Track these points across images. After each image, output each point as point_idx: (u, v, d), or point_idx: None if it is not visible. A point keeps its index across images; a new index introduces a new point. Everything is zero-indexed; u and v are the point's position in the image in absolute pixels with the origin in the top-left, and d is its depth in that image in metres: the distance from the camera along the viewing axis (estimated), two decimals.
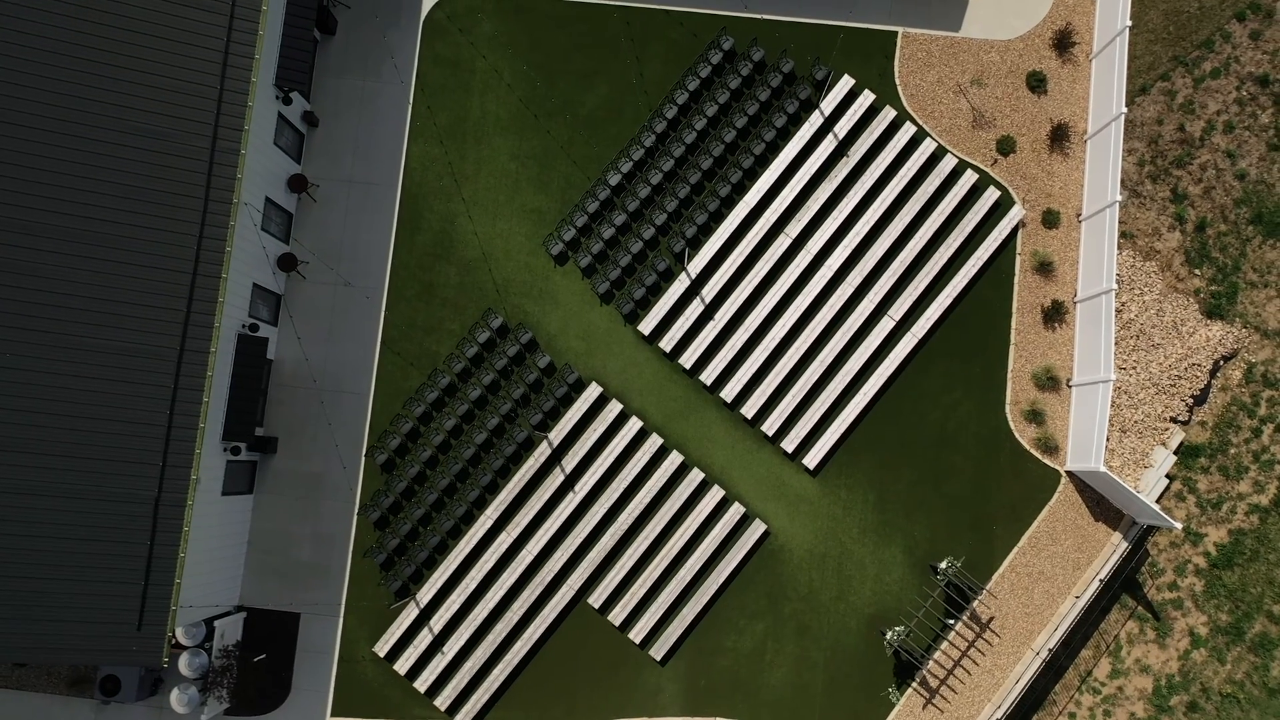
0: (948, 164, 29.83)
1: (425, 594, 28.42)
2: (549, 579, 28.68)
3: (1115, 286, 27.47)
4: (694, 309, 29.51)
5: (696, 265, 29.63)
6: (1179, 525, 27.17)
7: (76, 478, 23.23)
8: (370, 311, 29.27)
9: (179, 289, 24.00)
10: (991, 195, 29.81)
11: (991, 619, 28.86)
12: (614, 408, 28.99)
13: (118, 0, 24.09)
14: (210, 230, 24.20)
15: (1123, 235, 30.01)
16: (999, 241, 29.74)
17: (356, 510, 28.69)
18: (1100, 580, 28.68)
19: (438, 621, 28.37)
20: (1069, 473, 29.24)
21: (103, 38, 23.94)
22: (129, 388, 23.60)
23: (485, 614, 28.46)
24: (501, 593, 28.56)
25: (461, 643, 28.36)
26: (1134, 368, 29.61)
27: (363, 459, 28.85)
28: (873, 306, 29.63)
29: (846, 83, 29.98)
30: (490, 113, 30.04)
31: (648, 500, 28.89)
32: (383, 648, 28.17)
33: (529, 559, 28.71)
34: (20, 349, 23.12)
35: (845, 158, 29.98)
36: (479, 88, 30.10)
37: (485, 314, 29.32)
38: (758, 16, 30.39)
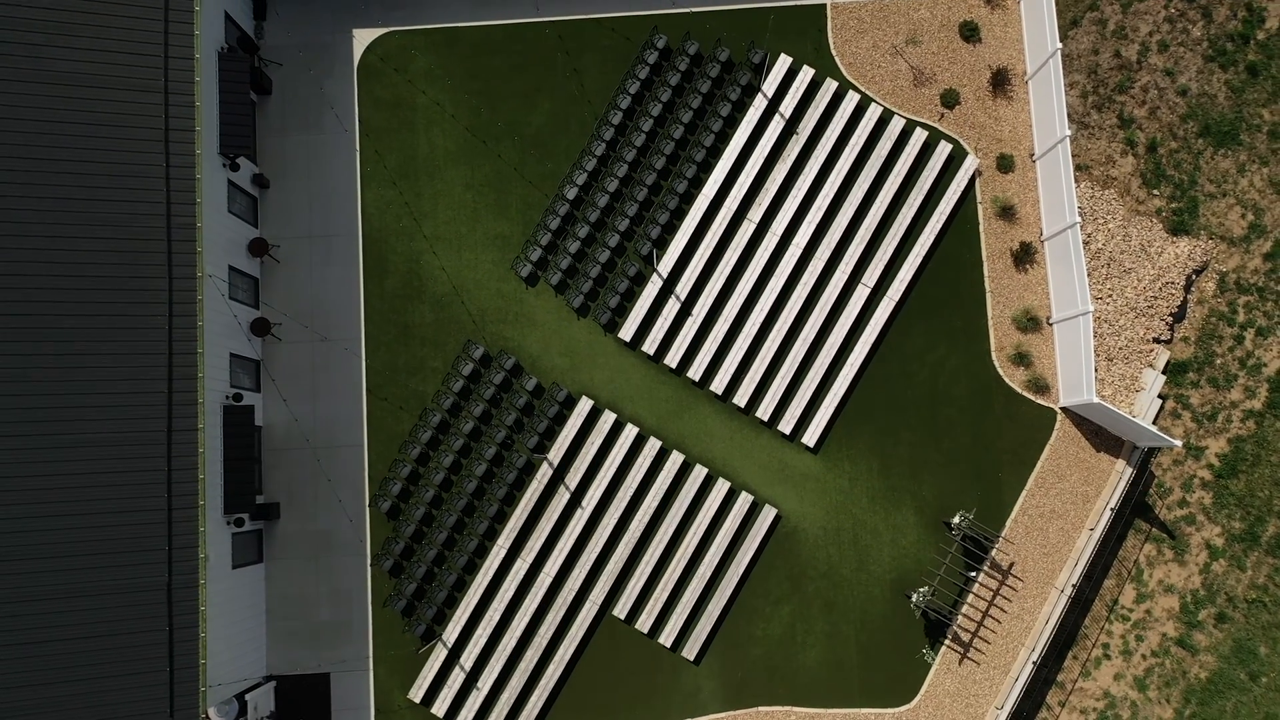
0: (896, 126, 30.05)
1: (451, 633, 28.36)
2: (571, 597, 28.67)
3: (1079, 219, 27.73)
4: (671, 308, 29.60)
5: (666, 264, 29.72)
6: (1179, 443, 27.44)
7: (85, 575, 23.06)
8: (351, 362, 29.19)
9: (157, 371, 23.89)
10: (944, 150, 30.04)
11: (1012, 565, 29.06)
12: (608, 418, 29.02)
13: (51, 95, 23.97)
14: (179, 308, 24.09)
15: (1078, 168, 30.30)
16: (958, 193, 29.98)
17: (369, 561, 28.59)
18: (1111, 509, 28.93)
19: (467, 658, 28.31)
20: (1064, 409, 29.49)
21: (42, 134, 23.83)
22: (122, 477, 23.45)
23: (513, 643, 28.42)
24: (526, 619, 28.53)
25: (495, 675, 28.31)
26: (1110, 295, 29.89)
27: (368, 509, 28.77)
28: (846, 277, 29.79)
29: (784, 62, 30.16)
30: (438, 146, 30.04)
31: (656, 504, 28.93)
32: (417, 693, 28.07)
33: (548, 581, 28.70)
34: (5, 456, 22.94)
35: (795, 136, 30.16)
36: (423, 124, 30.09)
37: (465, 346, 29.30)
38: (686, 11, 30.53)
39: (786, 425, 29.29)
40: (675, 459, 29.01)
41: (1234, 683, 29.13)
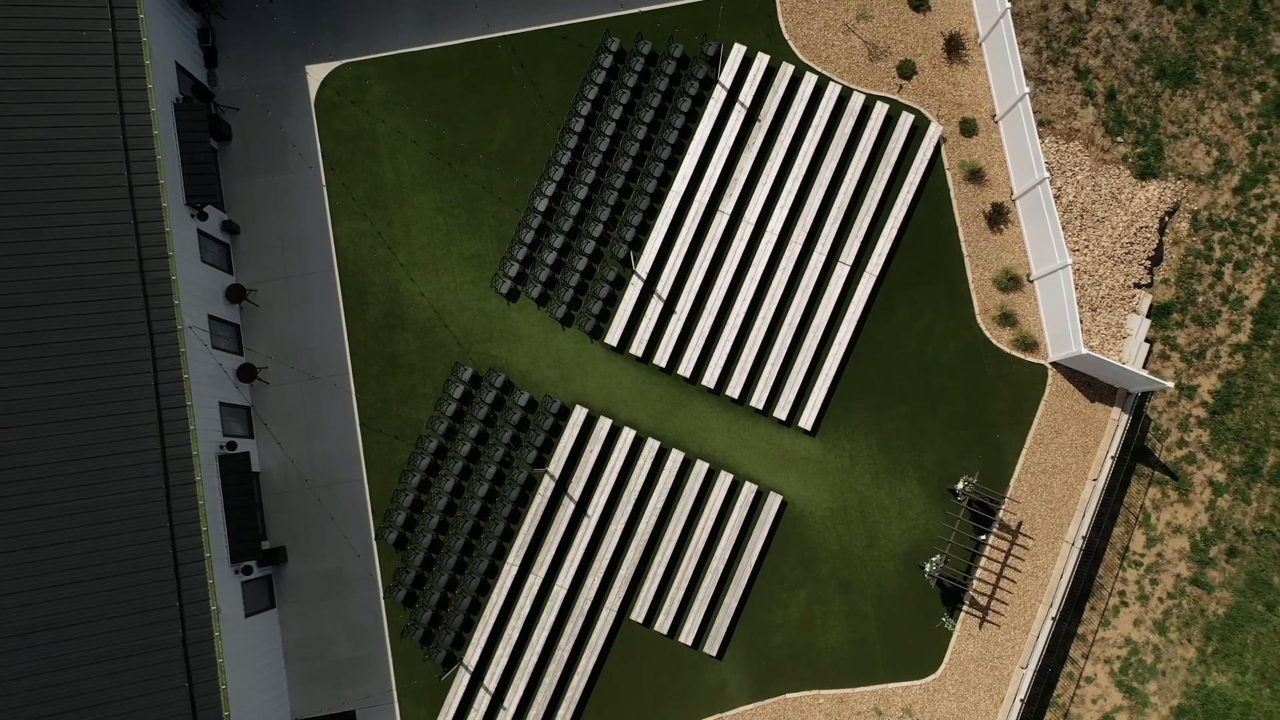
0: (857, 102, 30.15)
1: (471, 656, 28.28)
2: (587, 607, 28.64)
3: (1047, 175, 27.87)
4: (654, 307, 29.61)
5: (644, 265, 29.73)
6: (1170, 384, 27.59)
7: (100, 640, 22.90)
8: (341, 398, 29.09)
9: (148, 429, 23.74)
10: (907, 121, 30.16)
11: (1020, 523, 29.17)
12: (604, 424, 29.01)
13: (9, 164, 23.81)
14: (163, 363, 23.96)
15: (1040, 124, 30.46)
16: (926, 162, 30.09)
17: (382, 594, 28.49)
18: (1112, 458, 29.07)
19: (491, 679, 28.24)
20: (1054, 364, 29.62)
21: (5, 204, 23.66)
22: (125, 539, 23.30)
23: (535, 658, 28.37)
24: (545, 633, 28.48)
25: (520, 693, 28.24)
26: (1086, 246, 30.05)
27: (374, 543, 28.67)
28: (824, 258, 29.87)
29: (739, 51, 30.22)
30: (404, 173, 29.98)
31: (661, 504, 28.93)
32: None
33: (562, 593, 28.66)
34: (8, 532, 22.77)
35: (757, 123, 30.22)
36: (386, 152, 30.04)
37: (454, 369, 29.24)
38: (635, 11, 30.57)
39: (782, 411, 29.33)
40: (676, 457, 29.01)
41: (1252, 615, 29.30)
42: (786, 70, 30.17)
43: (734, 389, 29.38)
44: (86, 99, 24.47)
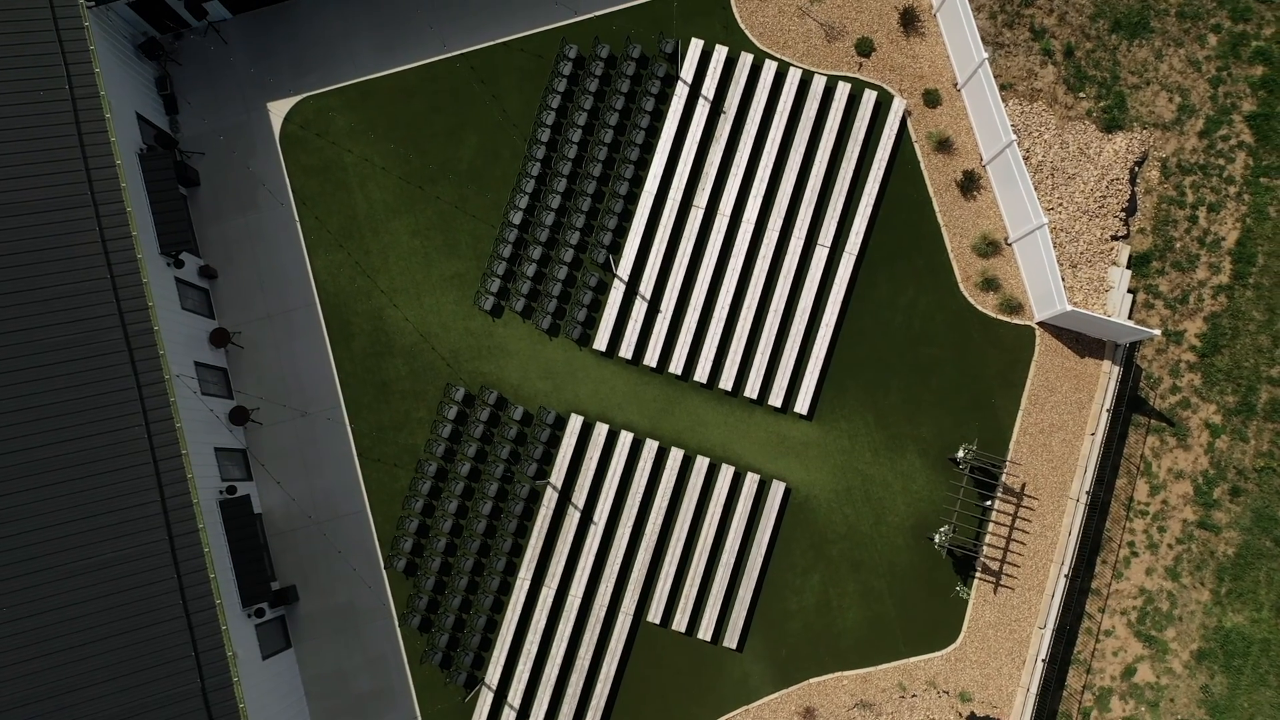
0: (819, 85, 30.25)
1: (492, 675, 28.22)
2: (603, 613, 28.61)
3: (1014, 137, 28.01)
4: (639, 309, 29.63)
5: (625, 268, 29.75)
6: (1157, 332, 27.75)
7: (119, 698, 22.74)
8: (337, 431, 29.01)
9: (145, 482, 23.61)
10: (870, 98, 30.27)
11: (1023, 485, 29.28)
12: (601, 430, 29.00)
13: None
14: (154, 414, 23.82)
15: (1002, 87, 30.61)
16: (893, 137, 30.20)
17: (397, 623, 28.41)
18: (1107, 411, 29.22)
19: (514, 695, 28.19)
20: (1041, 324, 29.76)
21: None
22: (135, 593, 23.16)
23: (556, 670, 28.33)
24: (564, 644, 28.44)
25: (545, 706, 28.19)
26: (1060, 204, 30.21)
27: (384, 572, 28.59)
28: (802, 242, 29.94)
29: (697, 46, 30.28)
30: (376, 200, 29.93)
31: (666, 503, 28.94)
32: None
33: (577, 602, 28.63)
34: (17, 599, 22.62)
35: (723, 115, 30.29)
36: (356, 181, 29.98)
37: (446, 390, 29.19)
38: (590, 16, 30.60)
39: (776, 399, 29.38)
40: (676, 455, 29.03)
41: (1261, 552, 29.48)
42: (746, 60, 30.24)
43: (726, 381, 29.42)
44: (50, 158, 24.33)
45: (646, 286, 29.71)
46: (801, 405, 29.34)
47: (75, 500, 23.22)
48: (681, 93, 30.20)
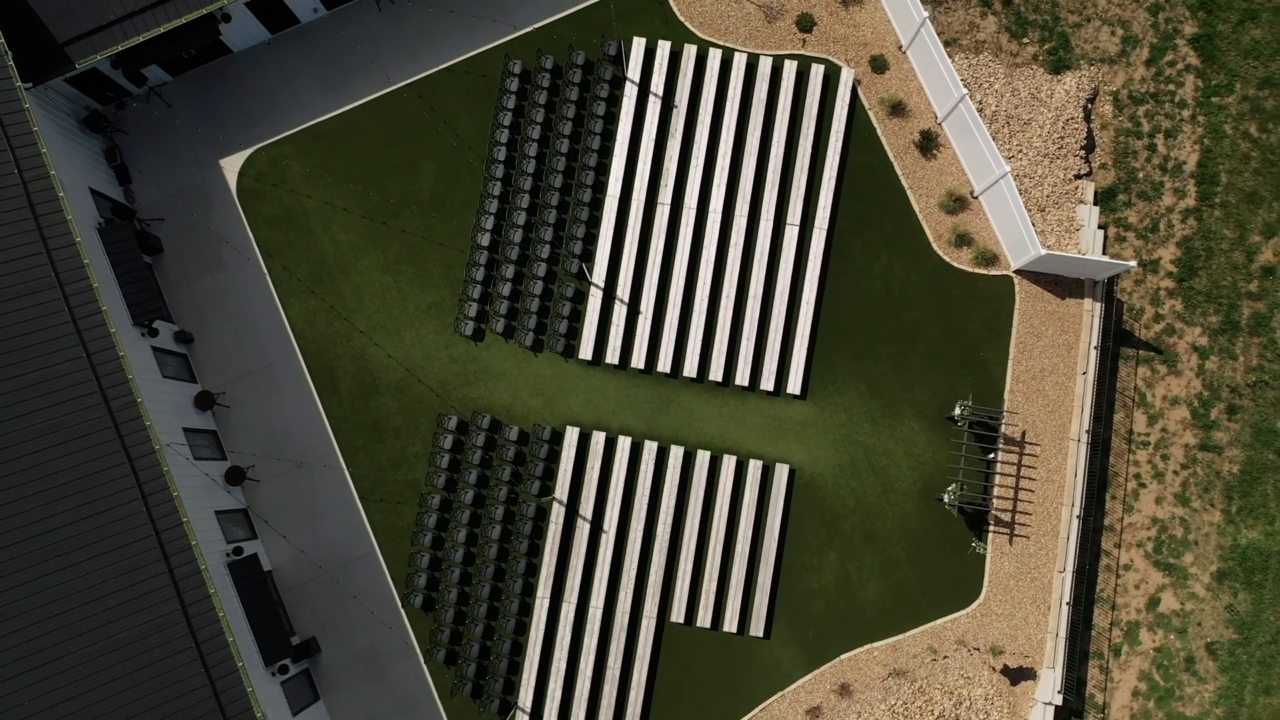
0: (766, 66, 30.29)
1: (525, 698, 28.07)
2: (626, 621, 28.51)
3: (965, 91, 28.11)
4: (619, 313, 29.58)
5: (599, 274, 29.69)
6: (1133, 263, 27.90)
7: None
8: (335, 478, 28.81)
9: (150, 554, 23.34)
10: (818, 72, 30.34)
11: (1024, 433, 29.38)
12: (599, 439, 28.92)
13: None
14: (149, 486, 23.57)
15: (947, 44, 30.73)
16: (846, 108, 30.27)
17: (422, 660, 28.22)
18: (1095, 348, 29.36)
19: (550, 715, 28.03)
20: (1018, 271, 29.87)
21: None
22: (156, 668, 22.90)
23: (588, 684, 28.20)
24: (592, 656, 28.32)
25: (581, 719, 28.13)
26: (1020, 151, 30.34)
27: (402, 611, 28.39)
28: (771, 224, 29.97)
29: (639, 44, 30.28)
30: (342, 242, 29.77)
31: (673, 503, 28.88)
32: None
33: (599, 614, 28.52)
34: (39, 690, 22.33)
35: (675, 109, 30.28)
36: (320, 225, 29.81)
37: (439, 421, 29.04)
38: (530, 29, 30.56)
39: (768, 383, 29.38)
40: (676, 453, 28.98)
41: (1266, 465, 29.67)
42: (690, 51, 30.26)
43: (716, 373, 29.40)
44: (8, 244, 24.02)
45: (624, 290, 29.66)
46: (793, 386, 29.34)
47: (83, 583, 22.94)
48: (631, 93, 30.18)
